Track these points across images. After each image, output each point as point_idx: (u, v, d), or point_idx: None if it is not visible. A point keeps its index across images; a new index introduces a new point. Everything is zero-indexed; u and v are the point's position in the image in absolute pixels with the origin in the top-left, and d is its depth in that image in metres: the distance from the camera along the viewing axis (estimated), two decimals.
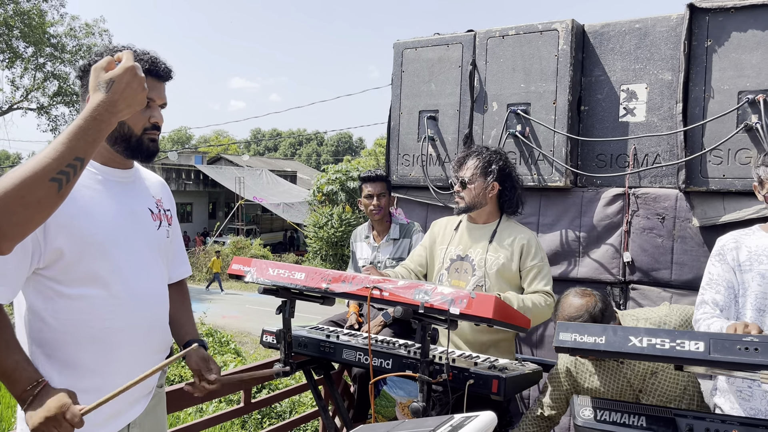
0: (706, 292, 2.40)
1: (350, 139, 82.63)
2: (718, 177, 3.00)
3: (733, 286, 2.34)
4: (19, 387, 1.58)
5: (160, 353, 1.93)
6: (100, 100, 1.35)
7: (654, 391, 2.44)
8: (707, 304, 2.36)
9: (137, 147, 1.79)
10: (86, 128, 1.32)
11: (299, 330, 2.87)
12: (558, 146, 3.34)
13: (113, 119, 1.37)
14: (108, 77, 1.36)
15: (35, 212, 1.26)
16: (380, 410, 3.28)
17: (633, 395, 2.46)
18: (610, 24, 3.36)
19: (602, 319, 2.30)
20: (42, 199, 1.26)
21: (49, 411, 1.53)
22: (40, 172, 1.26)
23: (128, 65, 1.38)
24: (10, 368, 1.57)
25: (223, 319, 14.90)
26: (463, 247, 3.00)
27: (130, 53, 1.41)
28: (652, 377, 2.43)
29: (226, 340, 9.47)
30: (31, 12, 23.51)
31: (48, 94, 26.00)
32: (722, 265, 2.38)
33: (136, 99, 1.40)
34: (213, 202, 36.54)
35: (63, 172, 1.28)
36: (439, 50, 3.74)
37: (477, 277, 2.92)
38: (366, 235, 3.94)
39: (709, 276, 2.42)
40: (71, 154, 1.29)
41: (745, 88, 2.93)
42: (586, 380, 2.54)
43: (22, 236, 1.27)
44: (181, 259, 2.15)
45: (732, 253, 2.36)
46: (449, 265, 3.02)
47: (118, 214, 1.77)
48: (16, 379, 1.57)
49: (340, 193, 23.96)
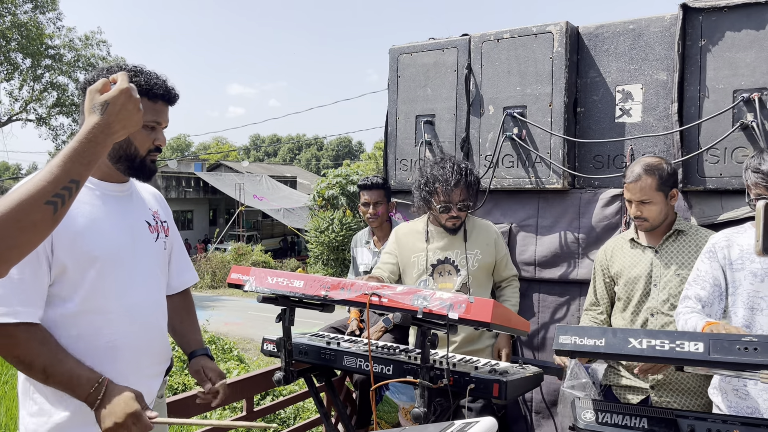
0: (691, 287, 2.43)
1: (350, 143, 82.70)
2: (715, 176, 3.01)
3: (719, 284, 2.36)
4: (83, 392, 1.63)
5: (161, 364, 1.95)
6: (95, 123, 1.35)
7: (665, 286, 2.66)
8: (690, 299, 2.39)
9: (140, 167, 1.83)
10: (82, 151, 1.32)
11: (299, 337, 2.87)
12: (555, 148, 3.34)
13: (108, 141, 1.37)
14: (103, 99, 1.37)
15: (31, 235, 1.26)
16: (383, 416, 3.28)
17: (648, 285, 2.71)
18: (604, 25, 3.36)
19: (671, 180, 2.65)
20: (38, 222, 1.26)
21: (118, 418, 1.60)
22: (35, 195, 1.25)
23: (123, 87, 1.38)
24: (67, 376, 1.61)
25: (226, 326, 14.89)
26: (440, 250, 3.15)
27: (125, 75, 1.41)
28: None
29: (229, 347, 9.46)
30: (29, 24, 23.56)
31: (47, 105, 26.03)
32: (711, 262, 2.40)
33: (132, 120, 1.40)
34: (213, 208, 36.59)
35: (58, 195, 1.28)
36: (434, 55, 3.75)
37: (462, 276, 3.04)
38: (366, 240, 3.94)
39: (697, 272, 2.44)
40: (67, 176, 1.29)
41: (740, 87, 2.93)
42: (615, 263, 2.83)
43: (18, 259, 1.27)
44: (185, 267, 2.16)
45: (723, 251, 2.37)
46: (432, 270, 3.12)
47: (117, 229, 1.79)
48: (75, 385, 1.62)
49: (341, 197, 23.98)
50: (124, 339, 1.76)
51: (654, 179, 2.61)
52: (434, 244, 3.16)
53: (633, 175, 2.64)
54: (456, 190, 3.02)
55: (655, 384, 2.67)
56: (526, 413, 3.54)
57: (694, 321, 2.26)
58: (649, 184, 2.61)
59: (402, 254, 3.22)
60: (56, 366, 1.60)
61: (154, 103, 1.79)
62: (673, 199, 2.68)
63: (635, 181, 2.63)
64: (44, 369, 1.60)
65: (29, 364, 1.59)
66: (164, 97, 1.81)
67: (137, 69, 1.79)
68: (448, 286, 3.10)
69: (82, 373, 1.63)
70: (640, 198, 2.63)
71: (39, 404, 1.69)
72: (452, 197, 3.03)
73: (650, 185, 2.61)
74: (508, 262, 3.30)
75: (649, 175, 2.61)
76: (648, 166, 2.63)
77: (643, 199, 2.62)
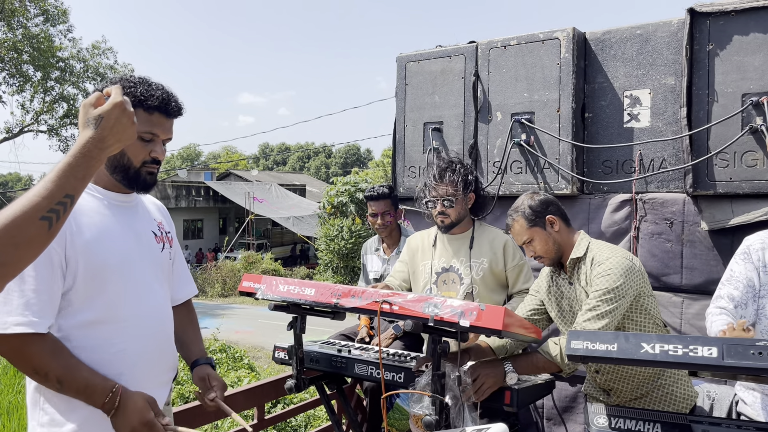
0: (723, 287, 2.40)
1: (358, 151, 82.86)
2: (725, 180, 3.00)
3: (753, 285, 2.34)
4: (98, 400, 1.65)
5: (169, 372, 1.97)
6: (89, 137, 1.34)
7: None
8: (722, 299, 2.36)
9: (135, 178, 1.82)
10: (76, 165, 1.31)
11: (311, 345, 2.88)
12: (563, 154, 3.34)
13: (103, 155, 1.36)
14: (97, 113, 1.36)
15: (26, 251, 1.26)
16: (393, 423, 3.27)
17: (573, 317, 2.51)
18: (611, 31, 3.37)
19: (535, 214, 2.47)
20: (33, 238, 1.25)
21: (134, 428, 1.64)
22: (30, 211, 1.25)
23: (117, 101, 1.38)
24: (82, 386, 1.63)
25: (237, 334, 14.92)
26: (446, 259, 3.09)
27: (119, 88, 1.40)
28: None
29: (240, 355, 9.48)
30: (40, 36, 23.81)
31: (57, 116, 26.26)
32: (746, 264, 2.37)
33: (126, 134, 1.40)
34: (223, 217, 36.71)
35: (53, 210, 1.27)
36: (441, 62, 3.77)
37: (465, 285, 2.99)
38: (376, 247, 3.95)
39: (730, 272, 2.41)
40: (61, 191, 1.29)
41: (748, 91, 2.93)
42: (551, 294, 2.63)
43: (13, 275, 1.27)
44: (186, 280, 2.18)
45: (758, 254, 2.36)
46: (436, 279, 3.09)
47: (125, 238, 1.81)
48: (90, 393, 1.64)
49: (350, 204, 24.01)
50: (134, 348, 1.78)
51: (521, 219, 2.51)
52: (440, 253, 3.12)
53: (506, 226, 2.58)
54: (441, 185, 2.96)
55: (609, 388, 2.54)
56: (537, 419, 3.52)
57: (720, 323, 2.23)
58: (520, 225, 2.51)
59: (412, 263, 3.21)
60: (71, 376, 1.62)
61: (150, 114, 1.78)
62: (554, 226, 2.50)
63: (509, 230, 2.57)
64: (59, 379, 1.61)
65: (45, 374, 1.61)
66: (161, 109, 1.79)
67: (136, 80, 1.79)
68: (451, 295, 3.03)
69: (97, 381, 1.65)
70: (521, 243, 2.55)
71: (50, 414, 1.70)
72: (438, 191, 2.97)
73: (522, 227, 2.51)
74: (524, 274, 3.04)
75: (515, 220, 2.52)
76: (511, 210, 2.54)
77: (523, 242, 2.53)
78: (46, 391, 1.68)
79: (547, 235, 2.49)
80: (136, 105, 1.75)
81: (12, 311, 1.57)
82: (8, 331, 1.56)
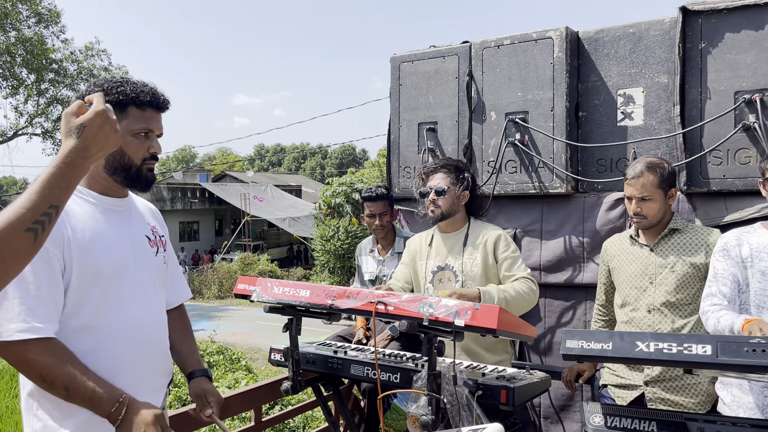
0: (712, 285, 2.42)
1: (354, 151, 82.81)
2: (718, 177, 3.01)
3: (738, 281, 2.36)
4: (104, 410, 1.64)
5: (164, 377, 1.96)
6: (72, 146, 1.33)
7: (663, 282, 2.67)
8: (715, 296, 2.38)
9: (136, 177, 1.82)
10: (59, 175, 1.30)
11: (307, 347, 2.88)
12: (558, 153, 3.35)
13: (87, 164, 1.35)
14: (79, 122, 1.34)
15: (11, 264, 1.24)
16: (391, 423, 3.27)
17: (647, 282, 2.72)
18: (604, 30, 3.38)
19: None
20: (18, 249, 1.24)
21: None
22: (15, 223, 1.23)
23: (99, 108, 1.36)
24: (89, 395, 1.62)
25: (234, 336, 14.92)
26: (441, 257, 3.11)
27: (101, 96, 1.39)
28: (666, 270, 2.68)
29: (237, 357, 9.47)
30: (33, 39, 23.72)
31: (51, 118, 26.16)
32: (727, 260, 2.40)
33: (109, 142, 1.38)
34: (219, 219, 36.67)
35: (38, 222, 1.26)
36: (435, 62, 3.77)
37: (460, 283, 3.01)
38: (371, 248, 3.95)
39: (714, 271, 2.44)
40: (46, 202, 1.28)
41: (741, 88, 2.94)
42: (614, 259, 2.87)
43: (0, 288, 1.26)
44: (179, 283, 2.17)
45: (735, 250, 2.39)
46: (432, 278, 3.11)
47: (120, 243, 1.81)
48: (97, 403, 1.63)
49: (346, 205, 24.00)
50: (128, 353, 1.77)
51: (656, 176, 2.63)
52: (436, 252, 3.14)
53: (635, 171, 2.66)
54: (435, 176, 3.04)
55: (649, 380, 2.66)
56: (534, 418, 3.53)
57: (729, 319, 2.21)
58: (651, 180, 2.63)
59: (413, 264, 3.23)
60: (78, 383, 1.60)
61: (143, 110, 1.79)
62: (671, 199, 2.70)
63: (637, 177, 2.65)
64: (66, 386, 1.60)
65: (51, 381, 1.59)
66: (152, 104, 1.81)
67: (120, 79, 1.78)
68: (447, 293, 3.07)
69: (104, 390, 1.64)
70: (641, 194, 2.64)
71: (43, 421, 1.69)
72: (431, 182, 3.04)
73: (652, 182, 2.63)
74: (515, 264, 2.96)
75: (651, 172, 2.64)
76: (650, 163, 2.67)
77: (643, 196, 2.64)
78: (39, 397, 1.67)
79: (664, 202, 2.67)
80: (127, 103, 1.76)
81: (14, 318, 1.56)
82: (11, 338, 1.55)
